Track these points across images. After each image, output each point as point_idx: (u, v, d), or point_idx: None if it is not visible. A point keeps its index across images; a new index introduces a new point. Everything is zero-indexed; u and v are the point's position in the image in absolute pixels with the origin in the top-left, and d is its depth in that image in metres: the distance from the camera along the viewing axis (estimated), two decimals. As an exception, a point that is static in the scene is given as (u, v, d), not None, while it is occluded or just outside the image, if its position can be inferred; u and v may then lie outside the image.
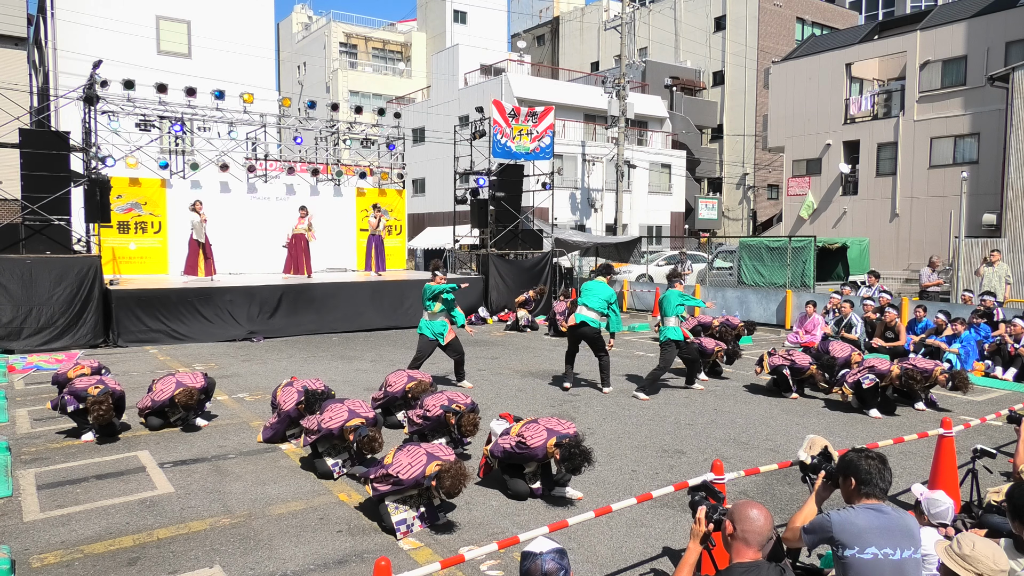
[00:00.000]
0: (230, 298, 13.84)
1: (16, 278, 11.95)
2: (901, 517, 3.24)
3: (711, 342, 10.70)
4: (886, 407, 8.41)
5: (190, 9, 25.06)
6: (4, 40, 23.85)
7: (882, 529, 3.15)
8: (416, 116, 33.90)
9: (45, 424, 7.67)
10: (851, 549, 3.12)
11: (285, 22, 50.77)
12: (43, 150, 12.57)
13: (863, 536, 3.12)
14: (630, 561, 4.55)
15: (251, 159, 18.24)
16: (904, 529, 3.19)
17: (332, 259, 18.49)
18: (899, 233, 25.73)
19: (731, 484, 5.38)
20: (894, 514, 3.24)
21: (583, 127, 32.70)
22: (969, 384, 8.54)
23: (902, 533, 3.17)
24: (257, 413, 8.18)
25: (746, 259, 18.11)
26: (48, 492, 5.68)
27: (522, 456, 5.48)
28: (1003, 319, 11.69)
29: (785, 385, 9.27)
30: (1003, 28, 23.20)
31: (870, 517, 3.19)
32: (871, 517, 3.19)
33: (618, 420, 8.06)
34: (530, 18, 51.59)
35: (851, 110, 27.58)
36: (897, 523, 3.19)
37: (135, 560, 4.53)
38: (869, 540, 3.11)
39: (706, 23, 40.37)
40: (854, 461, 3.38)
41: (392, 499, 4.93)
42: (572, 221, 30.76)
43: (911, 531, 3.21)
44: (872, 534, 3.13)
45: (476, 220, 19.09)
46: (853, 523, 3.17)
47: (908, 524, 3.24)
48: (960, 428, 5.92)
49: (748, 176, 39.26)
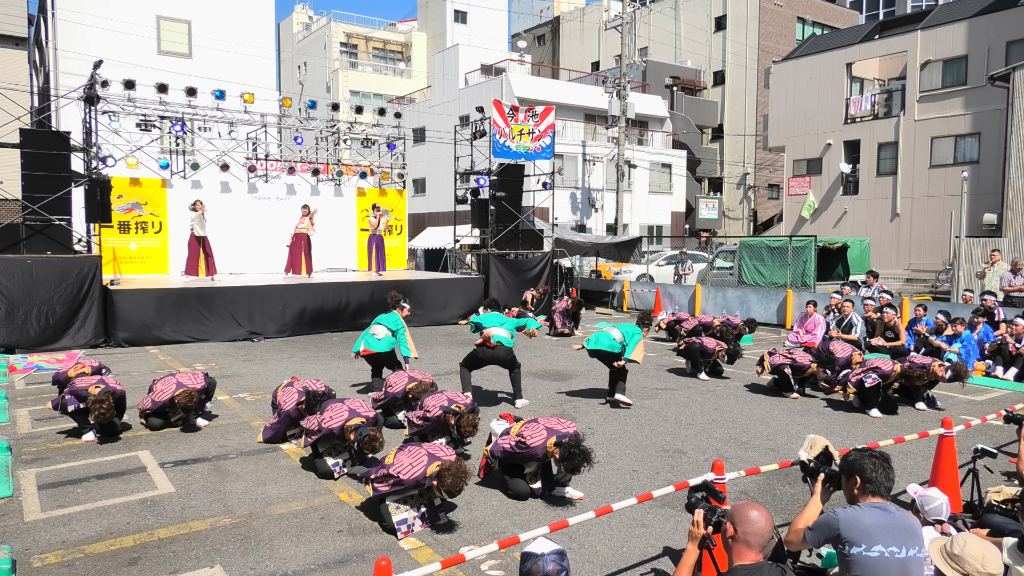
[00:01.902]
0: (230, 298, 13.84)
1: (17, 278, 11.95)
2: (905, 516, 3.26)
3: (712, 342, 10.71)
4: (887, 407, 8.41)
5: (190, 9, 25.05)
6: (5, 40, 23.85)
7: (888, 527, 3.16)
8: (416, 116, 33.90)
9: (46, 424, 7.67)
10: (858, 547, 3.13)
11: (286, 22, 50.77)
12: (44, 150, 12.57)
13: (870, 534, 3.13)
14: (631, 561, 4.55)
15: (252, 159, 18.24)
16: (909, 528, 3.20)
17: (333, 259, 18.49)
18: (900, 233, 25.72)
19: (732, 484, 5.38)
20: (898, 513, 3.25)
21: (583, 127, 32.69)
22: (968, 372, 8.58)
23: (907, 532, 3.18)
24: (258, 413, 8.18)
25: (747, 259, 18.10)
26: (49, 492, 5.68)
27: (522, 456, 5.48)
28: (1004, 319, 11.68)
29: (787, 384, 9.27)
30: (1004, 28, 23.18)
31: (876, 515, 3.20)
32: (877, 515, 3.20)
33: (618, 420, 8.06)
34: (530, 18, 51.59)
35: (852, 110, 27.57)
36: (902, 522, 3.21)
37: (136, 560, 4.54)
38: (876, 538, 3.12)
39: (706, 23, 40.36)
40: (858, 460, 3.39)
41: (393, 499, 4.93)
42: (572, 221, 30.75)
43: (915, 530, 3.23)
44: (879, 532, 3.14)
45: (476, 220, 19.10)
46: (860, 521, 3.18)
47: (912, 524, 3.25)
48: (961, 428, 5.92)
49: (749, 176, 39.25)
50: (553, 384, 9.97)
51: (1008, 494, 4.76)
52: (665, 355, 12.58)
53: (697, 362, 10.63)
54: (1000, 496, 4.79)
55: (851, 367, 9.07)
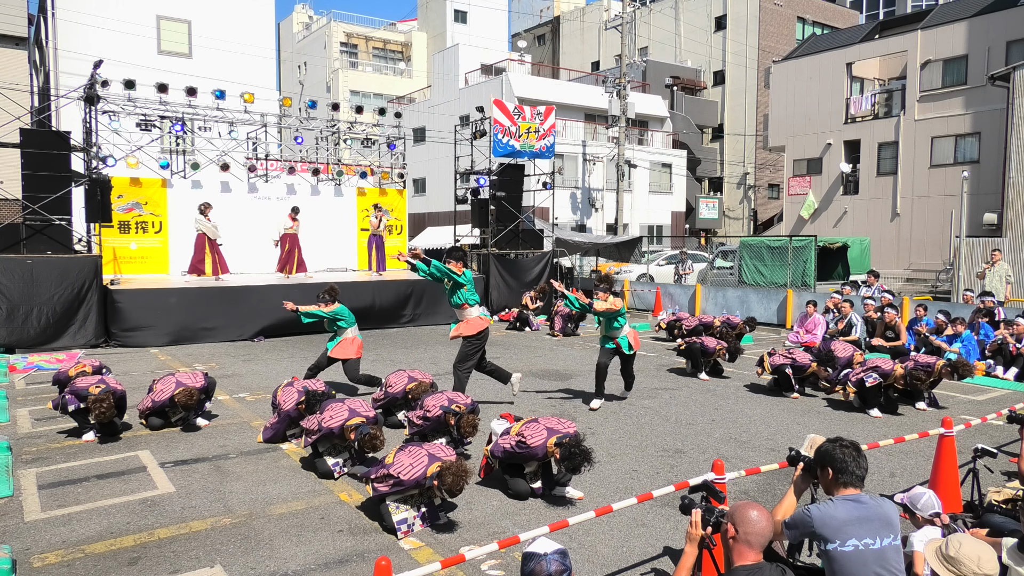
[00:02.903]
0: (231, 297, 13.84)
1: (17, 278, 11.95)
2: (879, 505, 3.27)
3: (712, 341, 10.71)
4: (887, 406, 8.41)
5: (191, 9, 25.05)
6: (5, 40, 23.83)
7: (861, 520, 3.19)
8: (417, 116, 33.90)
9: (46, 424, 7.68)
10: (832, 543, 3.16)
11: (286, 22, 50.77)
12: (44, 150, 12.56)
13: (843, 529, 3.16)
14: (631, 561, 4.55)
15: (252, 159, 18.24)
16: (882, 517, 3.23)
17: (333, 259, 18.48)
18: (900, 233, 25.71)
19: (732, 484, 5.39)
20: (872, 503, 3.26)
21: (584, 127, 32.69)
22: (970, 366, 8.57)
23: (880, 522, 3.20)
24: (258, 413, 8.18)
25: (747, 259, 18.10)
26: (49, 492, 5.68)
27: (522, 456, 5.48)
28: (1004, 319, 11.68)
29: (787, 384, 9.27)
30: (1004, 27, 23.18)
31: (849, 508, 3.22)
32: (850, 508, 3.22)
33: (619, 420, 8.06)
34: (531, 18, 51.58)
35: (852, 109, 27.56)
36: (875, 512, 3.23)
37: (136, 560, 4.54)
38: (849, 532, 3.15)
39: (707, 23, 40.36)
40: (829, 451, 3.41)
41: (393, 499, 4.93)
42: (573, 221, 30.76)
43: (889, 519, 3.25)
44: (852, 526, 3.16)
45: (477, 220, 19.09)
46: (833, 516, 3.20)
47: (887, 512, 3.27)
48: (961, 427, 5.91)
49: (749, 176, 39.25)
50: (553, 384, 9.97)
51: (1008, 494, 4.76)
52: (665, 355, 12.58)
53: (697, 362, 10.64)
54: (1000, 496, 4.79)
55: (852, 367, 9.07)
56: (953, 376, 8.38)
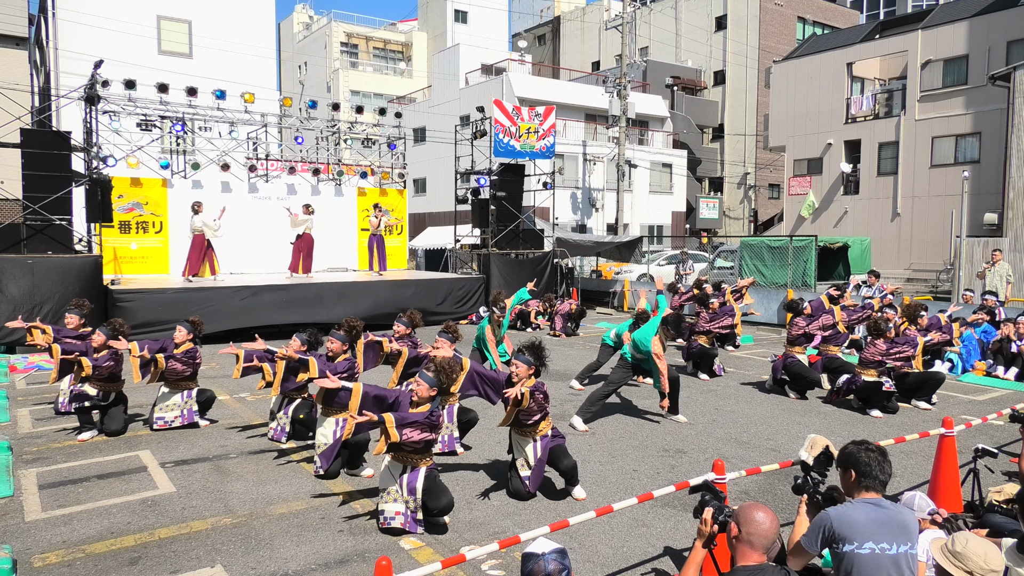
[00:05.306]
0: (231, 297, 13.83)
1: (18, 278, 11.95)
2: (899, 512, 3.25)
3: (704, 338, 10.69)
4: (887, 407, 8.40)
5: (191, 9, 25.05)
6: (5, 40, 23.83)
7: (880, 523, 3.15)
8: (417, 116, 33.89)
9: (46, 424, 7.69)
10: (850, 544, 3.12)
11: (286, 22, 50.77)
12: (44, 150, 12.56)
13: (861, 531, 3.13)
14: (631, 561, 4.55)
15: (252, 159, 18.24)
16: (901, 524, 3.19)
17: (333, 259, 18.49)
18: (900, 232, 25.70)
19: (732, 484, 5.38)
20: (892, 509, 3.24)
21: (584, 127, 32.69)
22: (923, 305, 9.30)
23: (899, 528, 3.17)
24: (258, 413, 8.18)
25: (747, 259, 18.09)
26: (49, 492, 5.68)
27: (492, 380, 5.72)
28: (1005, 318, 11.67)
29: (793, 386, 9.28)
30: (1004, 27, 23.16)
31: (868, 511, 3.20)
32: (869, 511, 3.20)
33: (619, 420, 8.06)
34: (531, 18, 51.57)
35: (852, 109, 27.55)
36: (895, 518, 3.20)
37: (136, 560, 4.54)
38: (867, 535, 3.12)
39: (707, 22, 40.34)
40: (854, 454, 3.39)
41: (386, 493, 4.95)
42: (573, 221, 30.75)
43: (908, 526, 3.22)
44: (870, 528, 3.13)
45: (477, 220, 19.09)
46: (852, 517, 3.17)
47: (906, 519, 3.24)
48: (961, 428, 5.91)
49: (749, 176, 39.24)
50: (553, 384, 9.97)
51: (1009, 493, 4.76)
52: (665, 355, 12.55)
53: (698, 362, 10.62)
54: (1000, 496, 4.79)
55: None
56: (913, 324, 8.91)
